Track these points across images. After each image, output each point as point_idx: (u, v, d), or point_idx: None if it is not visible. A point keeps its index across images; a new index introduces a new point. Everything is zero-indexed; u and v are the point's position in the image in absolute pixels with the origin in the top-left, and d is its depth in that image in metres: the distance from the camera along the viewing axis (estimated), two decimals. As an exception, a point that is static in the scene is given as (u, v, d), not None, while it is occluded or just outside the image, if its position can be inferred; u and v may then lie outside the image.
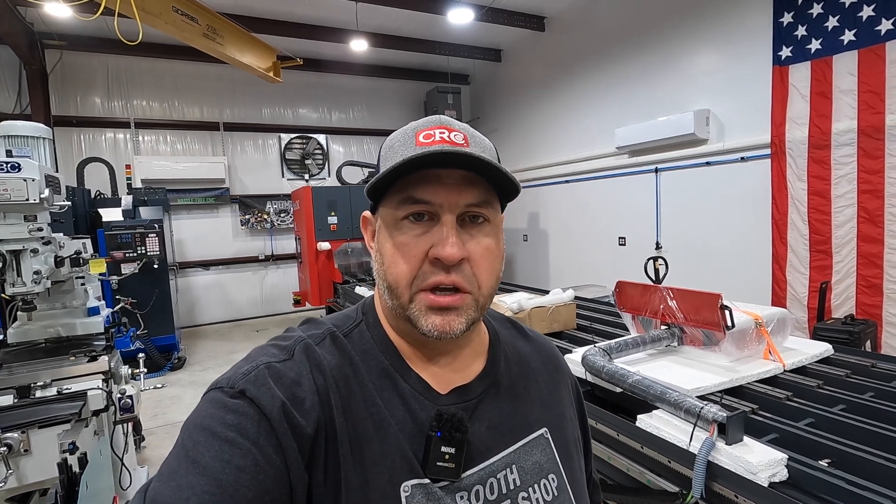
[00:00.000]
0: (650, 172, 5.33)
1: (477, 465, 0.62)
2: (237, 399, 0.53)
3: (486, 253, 0.61)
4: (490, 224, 0.62)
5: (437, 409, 0.61)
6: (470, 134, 0.63)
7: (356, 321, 0.68)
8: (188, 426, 0.54)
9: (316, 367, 0.59)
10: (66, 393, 1.81)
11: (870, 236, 3.59)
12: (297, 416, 0.54)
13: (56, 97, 6.46)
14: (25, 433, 1.59)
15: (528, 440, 0.68)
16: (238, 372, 0.57)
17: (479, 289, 0.61)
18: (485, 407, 0.66)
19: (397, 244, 0.60)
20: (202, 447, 0.51)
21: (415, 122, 0.64)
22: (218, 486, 0.48)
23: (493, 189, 0.62)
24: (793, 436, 1.36)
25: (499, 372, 0.70)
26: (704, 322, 1.84)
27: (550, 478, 0.67)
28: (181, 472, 0.50)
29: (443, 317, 0.59)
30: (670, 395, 1.45)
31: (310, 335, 0.64)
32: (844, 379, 1.73)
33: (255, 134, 7.75)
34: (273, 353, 0.60)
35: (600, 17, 5.85)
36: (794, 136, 3.98)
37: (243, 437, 0.51)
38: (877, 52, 3.48)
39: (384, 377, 0.62)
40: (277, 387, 0.55)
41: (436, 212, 0.59)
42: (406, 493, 0.56)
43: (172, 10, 3.87)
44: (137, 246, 4.90)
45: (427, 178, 0.58)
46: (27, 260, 1.81)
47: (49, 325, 2.24)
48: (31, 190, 1.73)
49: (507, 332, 0.78)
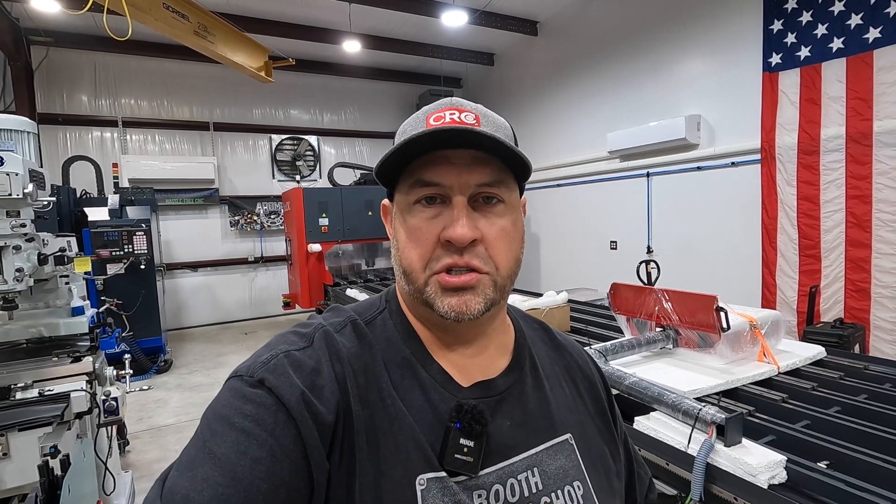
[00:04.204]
0: (641, 177, 5.37)
1: (497, 464, 0.59)
2: (256, 388, 0.53)
3: (502, 233, 0.59)
4: (505, 204, 0.60)
5: (457, 401, 0.59)
6: (482, 113, 0.62)
7: (380, 309, 0.67)
8: (207, 415, 0.54)
9: (335, 355, 0.58)
10: (48, 395, 1.74)
11: (858, 241, 3.63)
12: (318, 404, 0.53)
13: (42, 94, 6.35)
14: (4, 436, 1.54)
15: (552, 444, 0.64)
16: (257, 360, 0.56)
17: (497, 269, 0.59)
18: (508, 404, 0.63)
19: (410, 229, 0.59)
20: (219, 437, 0.50)
21: (427, 106, 0.63)
22: (233, 479, 0.48)
23: (508, 168, 0.60)
24: (790, 438, 1.36)
25: (524, 370, 0.67)
26: (700, 324, 1.84)
27: (576, 485, 0.63)
28: (197, 462, 0.49)
29: (459, 297, 0.57)
30: (668, 396, 1.44)
31: (330, 323, 0.63)
32: (838, 381, 1.74)
33: (246, 134, 7.68)
34: (293, 341, 0.59)
35: (593, 21, 5.89)
36: (783, 142, 4.03)
37: (260, 428, 0.50)
38: (865, 59, 3.53)
39: (405, 366, 0.61)
40: (297, 375, 0.54)
41: (446, 194, 0.58)
42: (422, 486, 0.54)
43: (163, 6, 3.81)
44: (124, 244, 4.77)
45: (436, 160, 0.57)
46: (9, 257, 1.75)
47: (31, 325, 2.16)
48: (15, 185, 1.68)
49: (534, 332, 0.75)
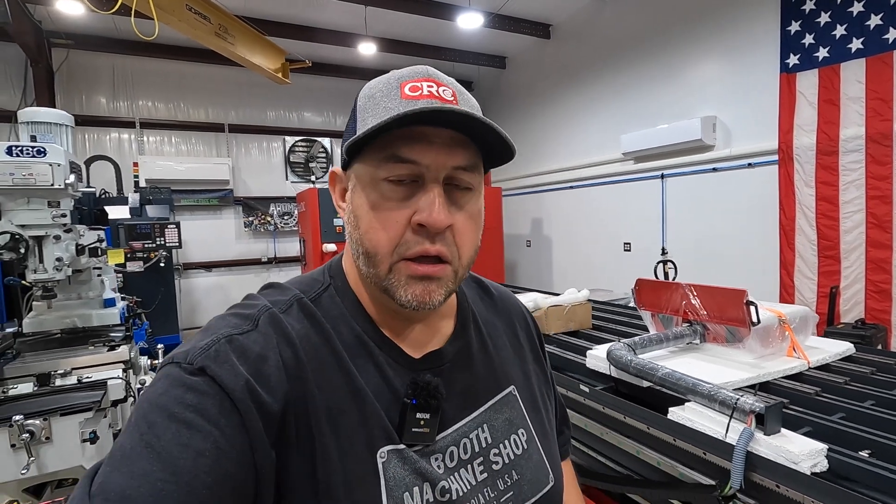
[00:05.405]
0: (656, 178, 5.36)
1: (450, 427, 0.63)
2: (196, 377, 0.49)
3: (471, 222, 0.59)
4: (474, 192, 0.59)
5: (412, 378, 0.60)
6: (458, 90, 0.59)
7: (324, 285, 0.64)
8: (142, 405, 0.49)
9: (283, 339, 0.55)
10: (86, 382, 1.78)
11: (879, 242, 3.61)
12: (263, 393, 0.50)
13: (61, 96, 6.45)
14: (47, 420, 1.57)
15: (497, 399, 0.68)
16: (197, 346, 0.52)
17: (459, 259, 0.59)
18: (457, 370, 0.66)
19: (377, 208, 0.56)
20: (158, 429, 0.46)
21: (398, 72, 0.59)
22: (174, 473, 0.44)
23: (480, 152, 0.59)
24: (827, 429, 1.35)
25: (469, 334, 0.70)
26: (729, 318, 1.84)
27: (520, 433, 0.68)
28: (134, 457, 0.45)
29: (423, 286, 0.56)
30: (703, 387, 1.44)
31: (274, 302, 0.60)
32: (870, 376, 1.73)
33: (260, 136, 7.75)
34: (235, 324, 0.55)
35: (606, 24, 5.90)
36: (801, 143, 4.01)
37: (204, 419, 0.47)
38: (884, 59, 3.52)
39: (358, 345, 0.60)
40: (241, 363, 0.51)
41: (421, 174, 0.55)
42: (382, 458, 0.56)
43: (185, 7, 3.88)
44: (156, 236, 4.75)
45: (414, 136, 0.54)
46: (49, 246, 1.79)
47: (65, 316, 2.20)
48: (57, 175, 1.71)
49: (472, 291, 0.78)
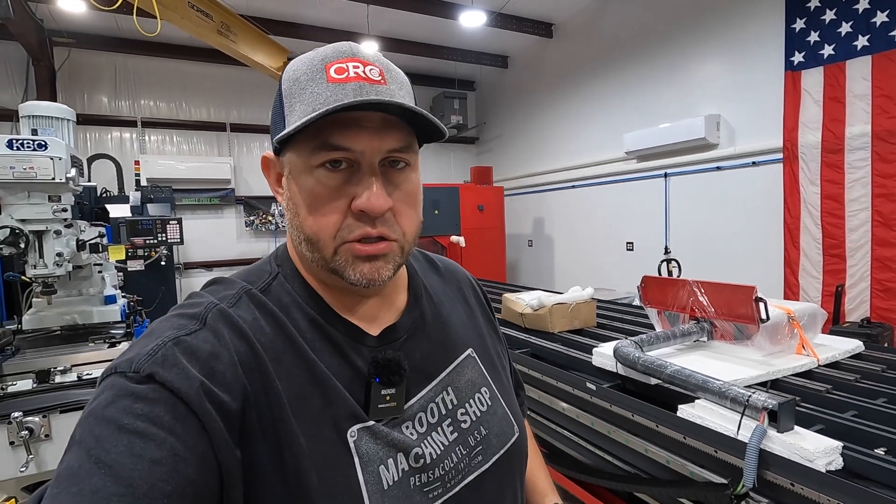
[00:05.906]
0: (659, 177, 5.34)
1: (416, 395, 0.64)
2: (144, 384, 0.46)
3: (410, 199, 0.60)
4: (410, 167, 0.60)
5: (372, 356, 0.61)
6: (385, 67, 0.59)
7: (272, 274, 0.63)
8: (86, 420, 0.46)
9: (235, 333, 0.54)
10: (86, 378, 1.76)
11: (884, 240, 3.58)
12: (220, 392, 0.49)
13: (63, 94, 6.43)
14: (47, 417, 1.55)
15: (457, 362, 0.71)
16: (141, 352, 0.49)
17: (404, 235, 0.60)
18: (415, 341, 0.67)
19: (314, 195, 0.56)
20: (107, 443, 0.43)
21: (322, 51, 0.58)
22: (129, 486, 0.42)
23: (412, 129, 0.59)
24: (840, 426, 1.33)
25: (422, 304, 0.72)
26: (737, 315, 1.82)
27: (483, 391, 0.71)
28: (83, 474, 0.42)
29: (371, 264, 0.57)
30: (713, 384, 1.42)
31: (221, 297, 0.58)
32: (881, 374, 1.71)
33: (262, 136, 7.72)
34: (180, 325, 0.53)
35: (609, 23, 5.88)
36: (806, 141, 3.99)
37: (157, 427, 0.44)
38: (891, 57, 3.50)
39: (314, 328, 0.60)
40: (192, 364, 0.49)
41: (356, 159, 0.55)
42: (353, 437, 0.56)
43: (188, 5, 3.87)
44: (158, 232, 4.69)
45: (344, 122, 0.53)
46: (49, 241, 1.77)
47: (65, 313, 2.18)
48: (58, 169, 1.70)
49: (420, 265, 0.79)
